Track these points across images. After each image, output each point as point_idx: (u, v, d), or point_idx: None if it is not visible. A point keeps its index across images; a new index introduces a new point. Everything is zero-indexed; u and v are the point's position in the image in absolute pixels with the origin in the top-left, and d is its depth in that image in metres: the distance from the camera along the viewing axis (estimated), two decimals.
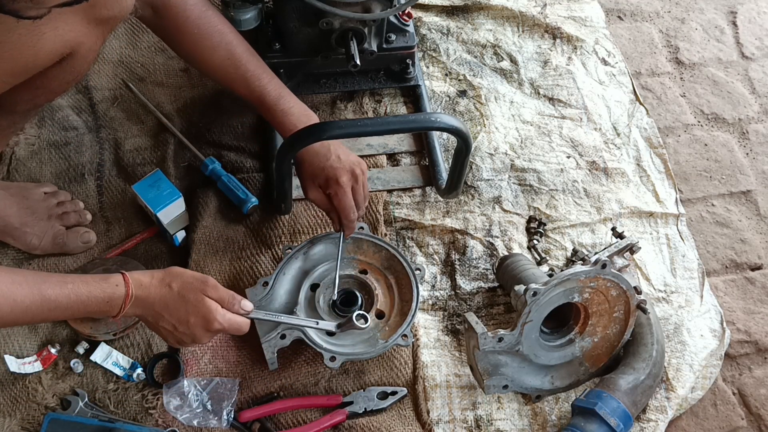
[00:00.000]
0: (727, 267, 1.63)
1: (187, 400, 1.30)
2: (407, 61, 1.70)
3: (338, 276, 1.38)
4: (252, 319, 1.25)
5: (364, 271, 1.45)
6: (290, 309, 1.38)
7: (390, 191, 1.61)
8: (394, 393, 1.36)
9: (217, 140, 1.64)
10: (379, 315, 1.40)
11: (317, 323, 1.30)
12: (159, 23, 1.34)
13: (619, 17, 2.02)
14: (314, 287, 1.42)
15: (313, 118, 1.38)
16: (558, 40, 1.88)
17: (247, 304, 1.23)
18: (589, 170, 1.68)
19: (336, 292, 1.37)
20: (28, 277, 1.10)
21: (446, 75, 1.80)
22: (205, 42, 1.35)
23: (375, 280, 1.43)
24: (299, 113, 1.37)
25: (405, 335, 1.35)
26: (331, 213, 1.41)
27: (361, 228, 1.48)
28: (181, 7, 1.32)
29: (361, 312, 1.26)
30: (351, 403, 1.34)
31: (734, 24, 2.03)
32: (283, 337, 1.32)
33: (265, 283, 1.39)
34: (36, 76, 1.08)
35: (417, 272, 1.41)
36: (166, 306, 1.17)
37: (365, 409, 1.34)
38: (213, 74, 1.41)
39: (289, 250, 1.43)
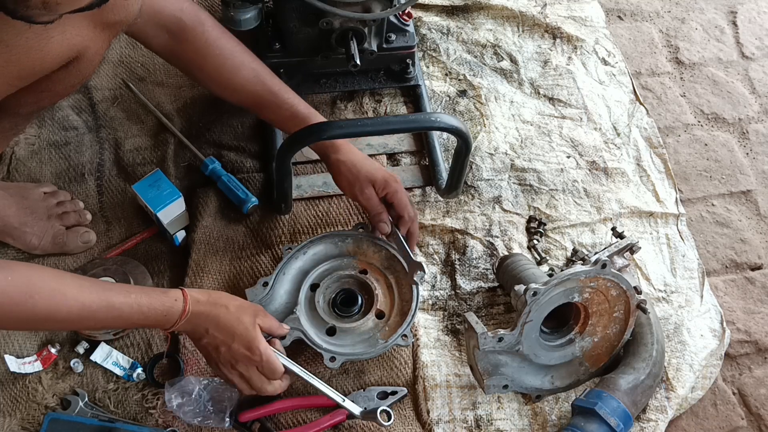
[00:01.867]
0: (727, 267, 1.63)
1: (188, 398, 1.30)
2: (407, 60, 1.70)
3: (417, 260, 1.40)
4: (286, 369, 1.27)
5: (364, 271, 1.45)
6: (290, 309, 1.38)
7: None
8: (394, 393, 1.36)
9: (217, 140, 1.64)
10: (379, 315, 1.40)
11: (344, 401, 1.31)
12: (177, 48, 1.33)
13: (619, 17, 2.02)
14: (314, 287, 1.42)
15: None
16: (558, 40, 1.88)
17: (280, 344, 1.30)
18: (589, 170, 1.68)
19: (424, 274, 1.40)
20: (95, 283, 1.16)
21: (446, 75, 1.80)
22: (228, 62, 1.35)
23: (375, 280, 1.43)
24: None
25: (405, 335, 1.35)
26: (382, 215, 1.42)
27: (361, 228, 1.48)
28: (200, 29, 1.32)
29: (385, 408, 1.28)
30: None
31: (734, 24, 2.03)
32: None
33: (265, 284, 1.39)
34: (41, 80, 1.08)
35: (417, 273, 1.41)
36: (216, 324, 1.21)
37: (365, 408, 1.34)
38: (238, 95, 1.40)
39: (289, 250, 1.43)
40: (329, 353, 1.32)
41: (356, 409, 1.31)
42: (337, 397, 1.31)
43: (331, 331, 1.37)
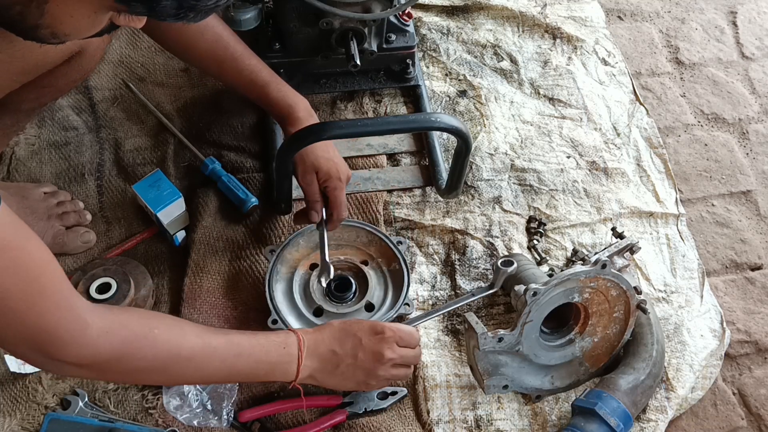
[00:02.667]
0: (727, 267, 1.63)
1: (186, 400, 1.30)
2: (407, 61, 1.70)
3: (330, 263, 1.38)
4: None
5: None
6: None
7: (390, 191, 1.61)
8: (394, 393, 1.36)
9: (217, 140, 1.64)
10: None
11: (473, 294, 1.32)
12: None
13: (619, 17, 2.02)
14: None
15: (303, 100, 1.39)
16: (558, 40, 1.88)
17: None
18: (589, 170, 1.68)
19: (330, 278, 1.38)
20: (209, 326, 1.14)
21: (446, 75, 1.81)
22: (192, 26, 1.32)
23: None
24: (293, 94, 1.38)
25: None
26: (315, 204, 1.39)
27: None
28: None
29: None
30: (351, 403, 1.34)
31: (734, 24, 2.03)
32: None
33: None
34: (44, 75, 1.09)
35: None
36: (337, 340, 1.19)
37: (365, 409, 1.34)
38: (200, 59, 1.37)
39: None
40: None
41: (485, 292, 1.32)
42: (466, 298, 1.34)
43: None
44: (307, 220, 1.40)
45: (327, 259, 1.38)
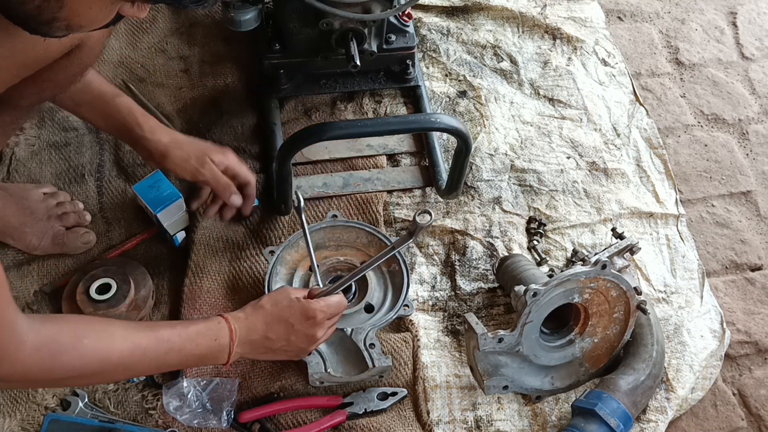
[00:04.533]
0: (727, 268, 1.63)
1: (186, 400, 1.30)
2: (407, 61, 1.70)
3: (316, 265, 1.38)
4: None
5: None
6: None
7: (390, 192, 1.61)
8: (394, 394, 1.36)
9: (217, 141, 1.64)
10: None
11: (393, 248, 1.28)
12: None
13: (619, 18, 2.02)
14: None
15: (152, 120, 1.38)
16: (558, 41, 1.88)
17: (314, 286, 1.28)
18: (589, 171, 1.68)
19: (318, 278, 1.37)
20: (140, 324, 1.14)
21: (446, 75, 1.81)
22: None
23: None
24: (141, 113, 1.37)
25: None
26: (229, 186, 1.42)
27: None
28: None
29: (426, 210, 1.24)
30: (351, 404, 1.34)
31: (734, 25, 2.03)
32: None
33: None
34: (44, 69, 1.08)
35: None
36: (269, 326, 1.19)
37: (365, 410, 1.34)
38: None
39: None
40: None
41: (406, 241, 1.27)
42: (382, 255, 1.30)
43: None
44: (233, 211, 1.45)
45: (315, 263, 1.39)
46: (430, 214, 1.20)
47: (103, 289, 1.37)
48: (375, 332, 1.36)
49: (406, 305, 1.40)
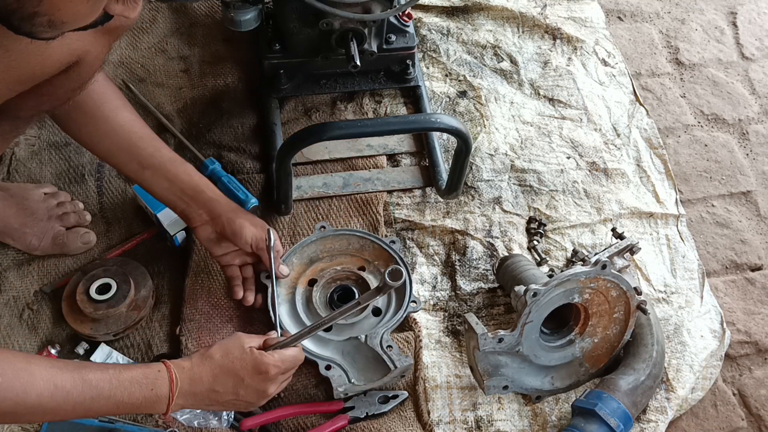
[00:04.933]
0: (727, 268, 1.63)
1: None
2: (407, 61, 1.70)
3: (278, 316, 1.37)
4: (298, 344, 1.22)
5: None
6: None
7: (390, 192, 1.61)
8: (395, 396, 1.36)
9: (218, 141, 1.64)
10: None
11: (358, 303, 1.23)
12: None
13: (619, 18, 2.02)
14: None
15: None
16: (558, 41, 1.88)
17: (273, 335, 1.24)
18: (589, 171, 1.68)
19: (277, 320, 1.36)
20: (68, 363, 1.06)
21: (446, 76, 1.81)
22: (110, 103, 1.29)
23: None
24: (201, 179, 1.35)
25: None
26: (236, 280, 1.39)
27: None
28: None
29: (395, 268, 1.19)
30: (353, 408, 1.34)
31: (734, 25, 2.03)
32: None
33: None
34: (42, 84, 1.08)
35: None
36: (216, 379, 1.12)
37: (367, 413, 1.33)
38: (112, 137, 1.31)
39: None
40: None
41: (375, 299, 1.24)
42: (350, 306, 1.23)
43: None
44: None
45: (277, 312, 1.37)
46: (401, 275, 1.16)
47: (103, 289, 1.37)
48: (389, 334, 1.36)
49: (414, 301, 1.41)
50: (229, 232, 1.34)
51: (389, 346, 1.34)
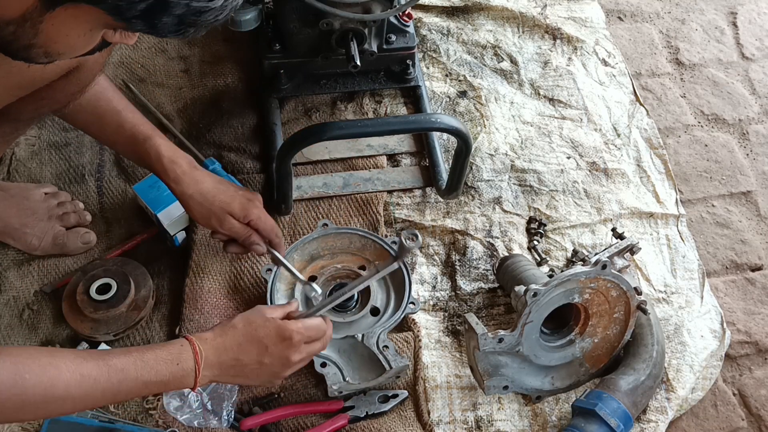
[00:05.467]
0: (727, 268, 1.63)
1: (187, 400, 1.30)
2: (407, 61, 1.70)
3: (306, 280, 1.38)
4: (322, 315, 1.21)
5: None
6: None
7: (390, 192, 1.61)
8: (395, 396, 1.36)
9: (218, 141, 1.64)
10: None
11: (377, 270, 1.24)
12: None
13: (619, 18, 2.02)
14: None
15: (185, 155, 1.32)
16: (558, 41, 1.88)
17: (294, 305, 1.22)
18: (590, 171, 1.68)
19: (317, 292, 1.37)
20: (92, 352, 1.07)
21: (446, 76, 1.81)
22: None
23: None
24: (176, 147, 1.31)
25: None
26: (251, 238, 1.35)
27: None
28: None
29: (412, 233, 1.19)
30: (352, 407, 1.34)
31: (734, 25, 2.03)
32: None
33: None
34: (42, 88, 1.08)
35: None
36: (241, 347, 1.12)
37: (367, 413, 1.33)
38: (81, 113, 1.28)
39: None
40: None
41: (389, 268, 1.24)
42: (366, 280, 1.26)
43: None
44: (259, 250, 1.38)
45: (301, 276, 1.38)
46: (417, 237, 1.16)
47: (104, 289, 1.37)
48: (386, 334, 1.36)
49: (412, 303, 1.41)
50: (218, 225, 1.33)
51: (386, 346, 1.34)
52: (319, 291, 1.37)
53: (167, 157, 1.28)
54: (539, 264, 1.54)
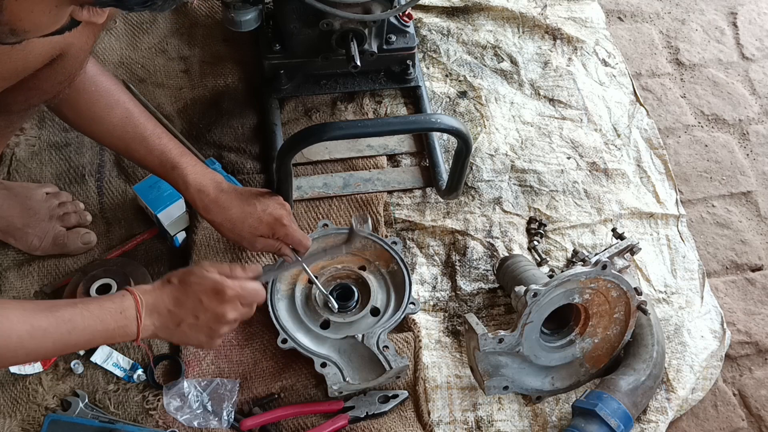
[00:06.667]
0: (727, 268, 1.63)
1: (187, 401, 1.30)
2: (407, 62, 1.70)
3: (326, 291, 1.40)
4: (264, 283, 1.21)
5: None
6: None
7: (390, 192, 1.61)
8: (395, 396, 1.36)
9: (218, 141, 1.64)
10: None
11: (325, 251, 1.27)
12: None
13: (619, 18, 2.02)
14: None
15: (218, 177, 1.34)
16: (558, 41, 1.88)
17: (255, 268, 1.21)
18: (590, 171, 1.68)
19: (325, 294, 1.39)
20: (39, 303, 1.08)
21: (446, 76, 1.81)
22: (102, 100, 1.27)
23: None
24: (203, 171, 1.32)
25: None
26: (284, 251, 1.36)
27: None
28: None
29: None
30: (353, 407, 1.34)
31: (734, 25, 2.03)
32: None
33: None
34: (28, 78, 1.08)
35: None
36: (176, 300, 1.12)
37: (367, 413, 1.33)
38: (110, 135, 1.31)
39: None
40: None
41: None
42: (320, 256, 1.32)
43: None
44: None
45: (322, 288, 1.39)
46: (367, 220, 1.18)
47: (104, 289, 1.37)
48: (386, 334, 1.36)
49: (412, 303, 1.41)
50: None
51: (385, 347, 1.34)
52: (336, 305, 1.38)
53: (194, 186, 1.30)
54: (539, 264, 1.54)
